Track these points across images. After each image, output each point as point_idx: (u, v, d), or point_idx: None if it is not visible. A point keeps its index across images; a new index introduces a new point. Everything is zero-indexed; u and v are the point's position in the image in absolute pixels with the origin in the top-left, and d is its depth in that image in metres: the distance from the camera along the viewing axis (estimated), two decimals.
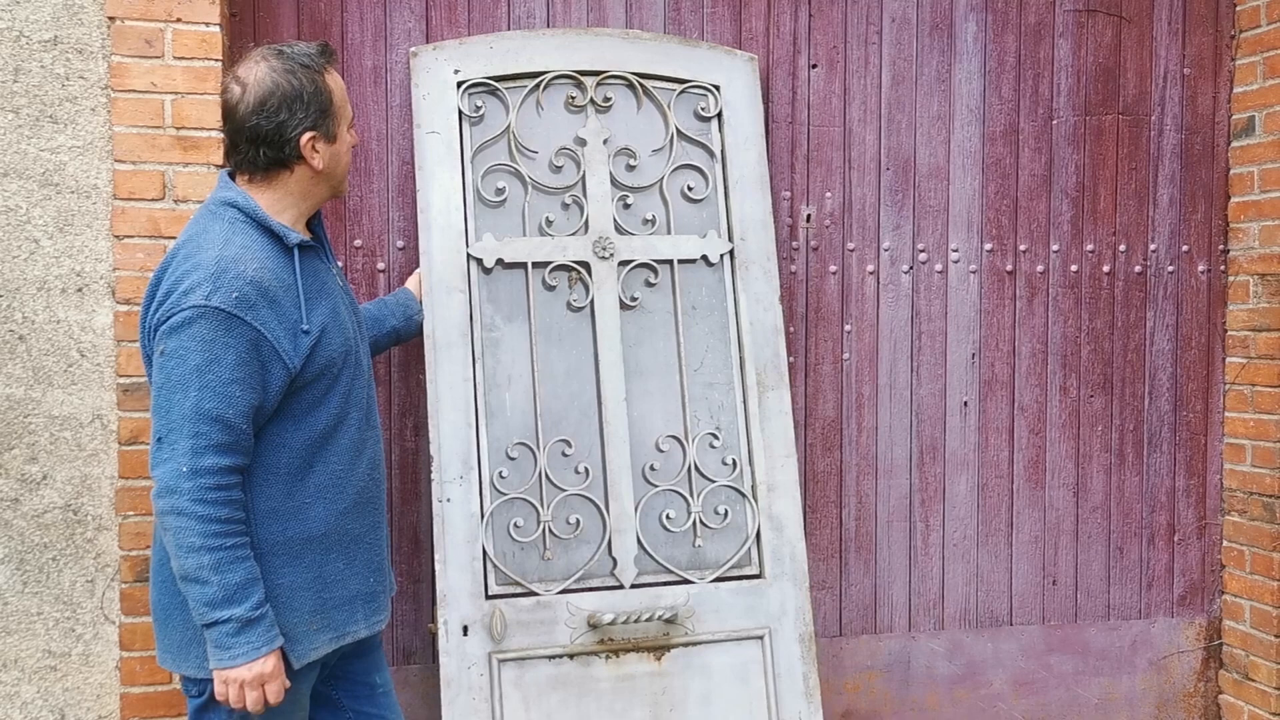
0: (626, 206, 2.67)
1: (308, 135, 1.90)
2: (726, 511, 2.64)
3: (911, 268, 3.02)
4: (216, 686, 1.82)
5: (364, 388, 2.04)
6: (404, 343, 2.54)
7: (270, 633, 1.82)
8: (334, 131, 1.94)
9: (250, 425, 1.82)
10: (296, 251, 1.92)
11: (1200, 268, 3.19)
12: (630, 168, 2.69)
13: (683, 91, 2.73)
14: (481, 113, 2.62)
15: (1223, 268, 3.21)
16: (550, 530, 2.55)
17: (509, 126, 2.62)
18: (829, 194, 2.97)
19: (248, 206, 1.89)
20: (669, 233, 2.69)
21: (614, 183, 2.67)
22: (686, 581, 2.59)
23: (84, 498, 2.43)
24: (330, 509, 1.94)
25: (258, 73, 1.89)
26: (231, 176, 1.97)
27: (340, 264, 2.45)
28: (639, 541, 2.58)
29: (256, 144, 1.89)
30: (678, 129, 2.72)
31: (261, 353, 1.81)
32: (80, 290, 2.43)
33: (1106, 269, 3.13)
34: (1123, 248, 3.14)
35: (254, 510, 1.87)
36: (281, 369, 1.84)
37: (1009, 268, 3.08)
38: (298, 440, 1.90)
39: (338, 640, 1.97)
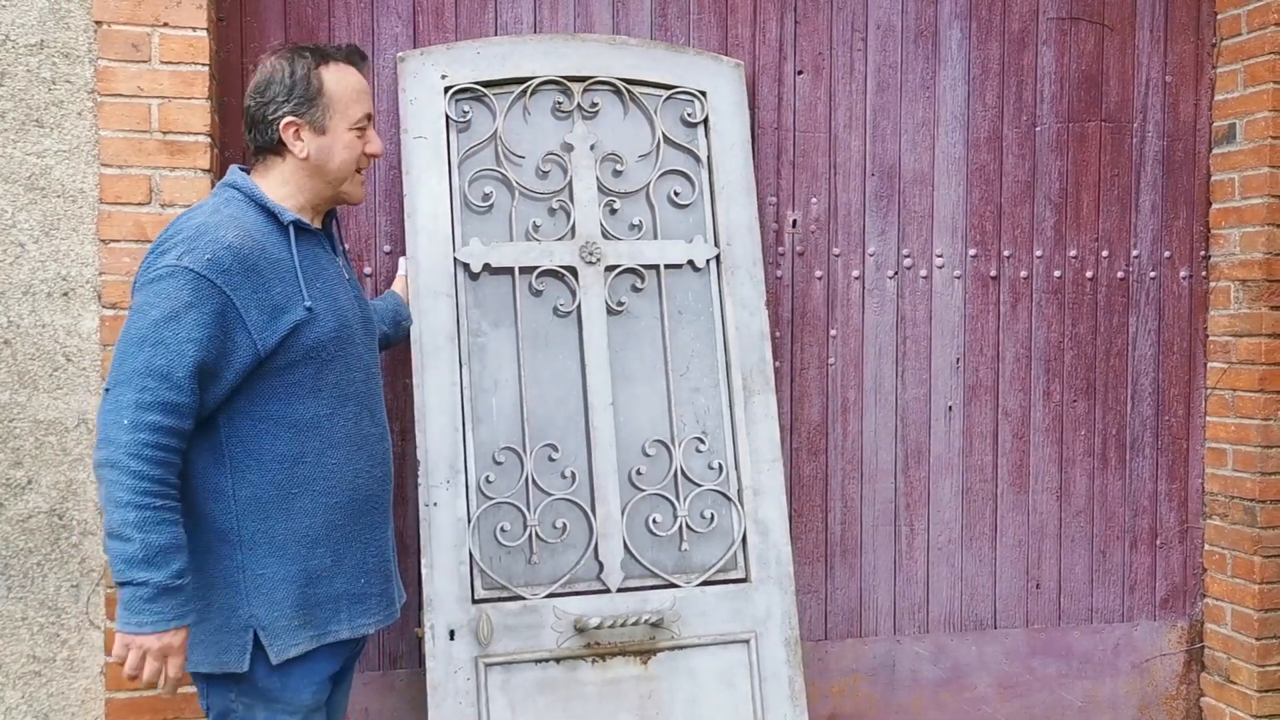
0: (613, 212, 2.68)
1: (287, 120, 1.93)
2: (713, 516, 2.65)
3: (896, 273, 3.04)
4: (116, 648, 1.75)
5: (364, 382, 2.02)
6: (393, 347, 2.55)
7: (184, 608, 1.76)
8: (323, 124, 1.95)
9: (197, 388, 1.78)
10: (292, 230, 1.93)
11: (1182, 273, 3.22)
12: (617, 173, 2.70)
13: (669, 97, 2.74)
14: (468, 118, 2.63)
15: (1204, 273, 3.24)
16: (537, 534, 2.56)
17: (496, 132, 2.63)
18: (814, 199, 2.98)
19: (245, 185, 1.94)
20: (655, 238, 2.70)
21: (601, 188, 2.67)
22: (673, 585, 2.59)
23: (69, 503, 2.43)
24: (319, 502, 1.91)
25: (267, 61, 1.97)
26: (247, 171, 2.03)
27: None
28: (625, 545, 2.58)
29: (250, 126, 1.97)
30: (664, 135, 2.73)
31: (226, 319, 1.80)
32: (66, 294, 2.42)
33: (1089, 274, 3.16)
34: (1105, 253, 3.16)
35: (236, 498, 1.85)
36: (247, 341, 1.83)
37: (993, 273, 3.10)
38: (285, 425, 1.88)
39: (319, 639, 1.93)
